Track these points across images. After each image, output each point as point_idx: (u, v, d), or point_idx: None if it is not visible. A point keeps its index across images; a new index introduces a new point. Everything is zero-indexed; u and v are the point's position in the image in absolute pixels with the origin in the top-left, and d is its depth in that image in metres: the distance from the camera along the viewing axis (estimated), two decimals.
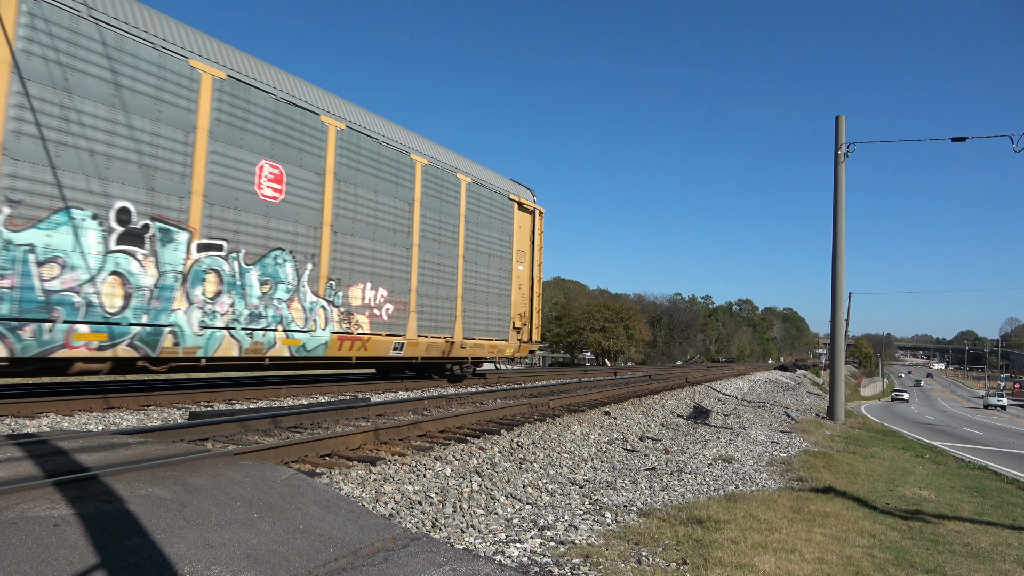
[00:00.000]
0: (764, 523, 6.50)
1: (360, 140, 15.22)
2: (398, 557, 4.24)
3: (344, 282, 14.51)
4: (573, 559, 5.02)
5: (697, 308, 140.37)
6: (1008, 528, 7.93)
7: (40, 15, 9.53)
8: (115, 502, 4.23)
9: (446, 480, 7.36)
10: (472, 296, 18.99)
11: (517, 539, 5.55)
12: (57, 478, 4.65)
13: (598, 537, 5.74)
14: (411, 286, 16.57)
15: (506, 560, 4.94)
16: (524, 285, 21.71)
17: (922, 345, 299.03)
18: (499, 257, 20.38)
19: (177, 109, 11.38)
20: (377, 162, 15.67)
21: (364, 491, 6.48)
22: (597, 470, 9.63)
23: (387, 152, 15.95)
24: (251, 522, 4.36)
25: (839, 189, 21.39)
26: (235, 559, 3.79)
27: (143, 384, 15.50)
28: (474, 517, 6.35)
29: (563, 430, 11.67)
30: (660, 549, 5.44)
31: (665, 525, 6.24)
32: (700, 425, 16.85)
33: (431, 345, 17.31)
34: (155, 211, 10.99)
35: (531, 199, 22.33)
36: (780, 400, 31.77)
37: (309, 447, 7.65)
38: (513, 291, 21.02)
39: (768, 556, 5.35)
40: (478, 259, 19.33)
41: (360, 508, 5.17)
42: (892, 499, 9.03)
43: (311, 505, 4.94)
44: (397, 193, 16.31)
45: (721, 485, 8.84)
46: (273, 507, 4.72)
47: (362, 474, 6.98)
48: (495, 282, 20.15)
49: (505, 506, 6.93)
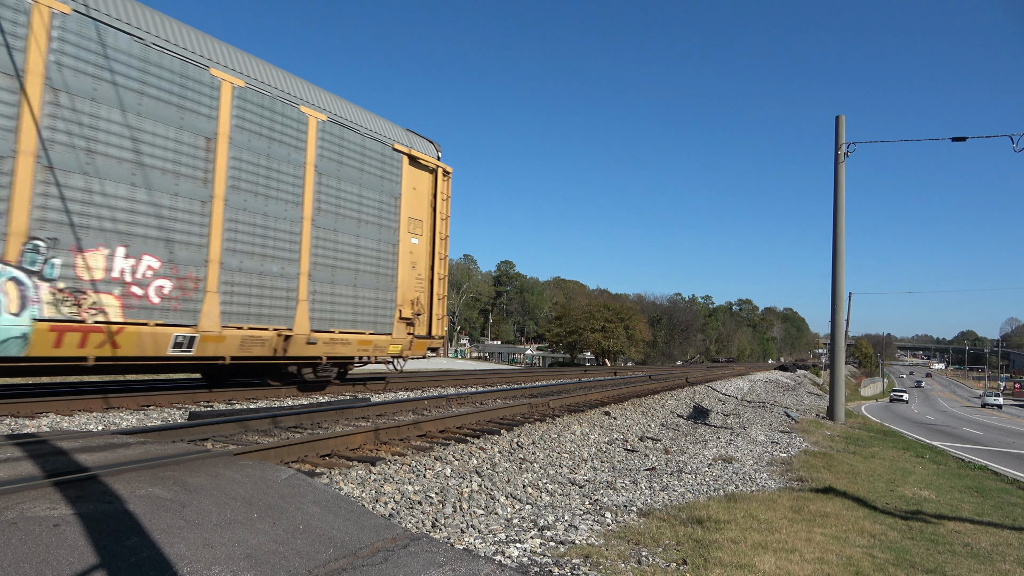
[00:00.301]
0: (764, 523, 6.49)
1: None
2: (398, 557, 4.24)
3: (66, 243, 9.76)
4: (573, 559, 5.02)
5: (697, 308, 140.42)
6: (1008, 528, 7.93)
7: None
8: (115, 502, 4.23)
9: (446, 480, 7.36)
10: (328, 274, 14.18)
11: (517, 539, 5.55)
12: (57, 478, 4.65)
13: (598, 537, 5.74)
14: (209, 254, 11.76)
15: (506, 560, 4.94)
16: (420, 264, 16.75)
17: (922, 345, 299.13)
18: (376, 224, 15.38)
19: None
20: (143, 72, 10.79)
21: (364, 491, 6.47)
22: (597, 470, 9.63)
23: (166, 62, 11.15)
24: (251, 522, 4.35)
25: (839, 189, 21.39)
26: (235, 559, 3.78)
27: (143, 384, 15.50)
28: (474, 517, 6.34)
29: (563, 430, 11.67)
30: (660, 549, 5.44)
31: (665, 525, 6.24)
32: (700, 425, 16.85)
33: (251, 340, 12.54)
34: None
35: (433, 155, 17.24)
36: (780, 400, 31.78)
37: (309, 447, 7.65)
38: (401, 271, 16.05)
39: (768, 556, 5.35)
40: (339, 224, 14.43)
41: (360, 508, 5.17)
42: (892, 499, 9.03)
43: (311, 505, 4.94)
44: (182, 120, 11.33)
45: (721, 485, 8.83)
46: (273, 507, 4.71)
47: (362, 474, 6.98)
48: (370, 257, 15.22)
49: (505, 506, 6.93)
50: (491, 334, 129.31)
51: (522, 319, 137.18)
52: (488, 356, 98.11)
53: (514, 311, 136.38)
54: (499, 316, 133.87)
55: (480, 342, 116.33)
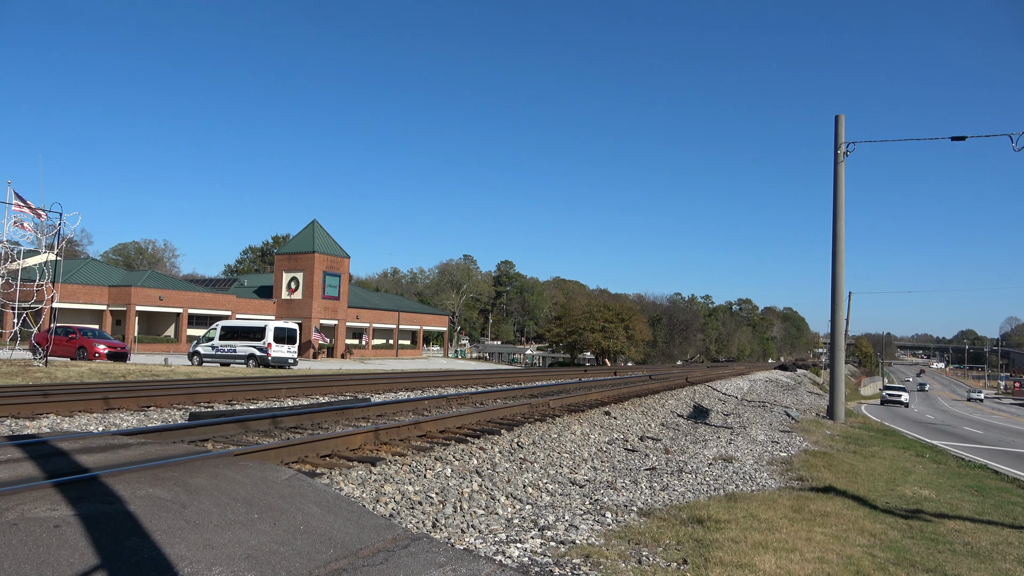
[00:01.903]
0: (764, 523, 6.49)
1: None
2: (398, 557, 4.24)
3: None
4: (574, 559, 5.02)
5: (697, 308, 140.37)
6: (1008, 527, 7.93)
7: None
8: (115, 503, 4.23)
9: (446, 480, 7.36)
10: None
11: (518, 539, 5.55)
12: (57, 479, 4.65)
13: (598, 537, 5.74)
14: None
15: (507, 560, 4.94)
16: None
17: (922, 344, 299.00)
18: None
19: None
20: None
21: (364, 491, 6.47)
22: (597, 470, 9.63)
23: None
24: (251, 523, 4.35)
25: (839, 188, 21.39)
26: (235, 560, 3.78)
27: (143, 385, 15.49)
28: (475, 517, 6.34)
29: (563, 430, 11.66)
30: (660, 549, 5.44)
31: (665, 525, 6.24)
32: (700, 425, 16.84)
33: None
34: None
35: None
36: (780, 399, 31.76)
37: (309, 447, 7.64)
38: None
39: (768, 556, 5.35)
40: None
41: (360, 508, 5.17)
42: (892, 498, 9.02)
43: (311, 505, 4.94)
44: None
45: (722, 485, 8.83)
46: (273, 507, 4.71)
47: (363, 474, 6.97)
48: None
49: (505, 506, 6.93)
50: (491, 334, 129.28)
51: (522, 319, 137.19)
52: (488, 356, 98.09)
53: (514, 311, 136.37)
54: (499, 316, 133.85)
55: (480, 342, 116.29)
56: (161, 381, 17.33)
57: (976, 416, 52.19)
